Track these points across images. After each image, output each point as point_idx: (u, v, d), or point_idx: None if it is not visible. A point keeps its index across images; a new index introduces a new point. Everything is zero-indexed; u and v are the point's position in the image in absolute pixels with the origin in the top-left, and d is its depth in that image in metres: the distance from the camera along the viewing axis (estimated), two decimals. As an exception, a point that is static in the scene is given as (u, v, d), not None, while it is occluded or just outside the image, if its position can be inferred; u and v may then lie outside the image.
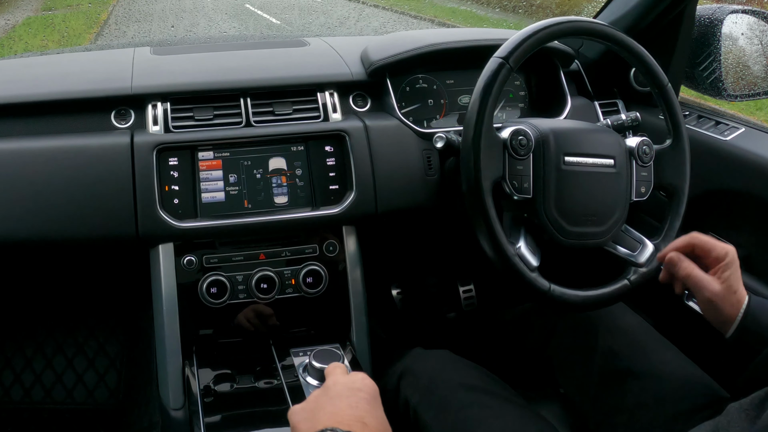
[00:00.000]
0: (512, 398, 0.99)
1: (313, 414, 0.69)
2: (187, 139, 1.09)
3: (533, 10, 8.67)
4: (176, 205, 1.07)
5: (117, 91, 1.14)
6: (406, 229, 1.34)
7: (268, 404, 0.96)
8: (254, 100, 1.16)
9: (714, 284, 0.88)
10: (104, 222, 1.04)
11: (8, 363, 1.61)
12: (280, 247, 1.11)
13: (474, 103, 0.95)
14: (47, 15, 10.56)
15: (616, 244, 1.02)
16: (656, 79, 1.03)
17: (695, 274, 0.89)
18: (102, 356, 1.64)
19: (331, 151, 1.14)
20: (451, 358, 1.07)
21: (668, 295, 1.23)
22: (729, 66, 1.30)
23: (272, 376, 1.01)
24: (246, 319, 1.10)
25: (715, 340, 0.97)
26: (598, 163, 0.99)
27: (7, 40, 8.18)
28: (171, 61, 1.29)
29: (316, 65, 1.28)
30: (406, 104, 1.26)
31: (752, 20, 1.32)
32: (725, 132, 1.22)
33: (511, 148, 0.96)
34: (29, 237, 1.04)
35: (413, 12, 10.70)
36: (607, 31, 1.01)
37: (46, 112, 1.13)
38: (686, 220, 1.04)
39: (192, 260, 1.07)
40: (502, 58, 0.95)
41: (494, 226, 0.93)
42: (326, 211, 1.11)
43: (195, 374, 1.03)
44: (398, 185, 1.14)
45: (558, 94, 1.30)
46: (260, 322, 1.11)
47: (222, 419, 0.93)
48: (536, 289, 0.95)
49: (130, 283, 1.39)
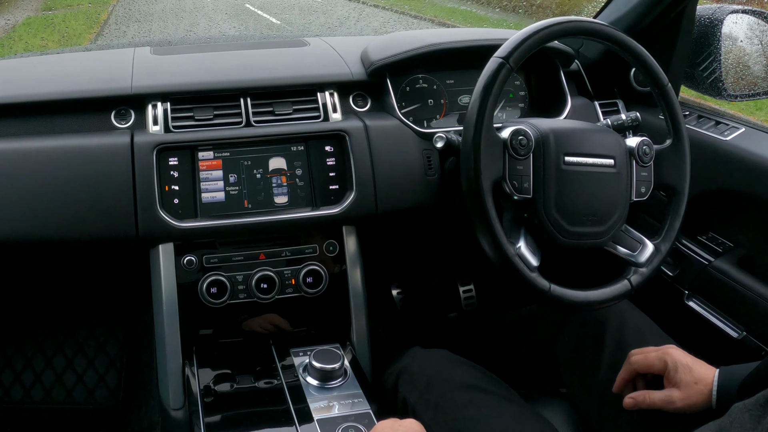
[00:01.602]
0: (512, 398, 0.99)
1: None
2: (187, 139, 1.09)
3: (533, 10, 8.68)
4: (176, 205, 1.07)
5: (117, 91, 1.14)
6: (406, 229, 1.34)
7: (268, 404, 0.96)
8: (254, 100, 1.16)
9: (673, 393, 0.90)
10: (104, 222, 1.04)
11: (8, 363, 1.62)
12: (280, 247, 1.11)
13: (474, 103, 0.95)
14: (47, 15, 10.58)
15: (616, 244, 1.02)
16: (656, 79, 1.03)
17: (653, 398, 0.92)
18: (102, 356, 1.64)
19: (331, 151, 1.14)
20: (450, 358, 1.06)
21: (668, 295, 1.23)
22: (729, 66, 1.30)
23: (272, 376, 1.01)
24: (259, 326, 1.11)
25: (716, 341, 0.97)
26: (598, 163, 0.99)
27: (7, 40, 8.19)
28: (171, 61, 1.29)
29: (316, 65, 1.28)
30: (406, 104, 1.26)
31: (752, 20, 1.32)
32: (725, 132, 1.22)
33: (511, 148, 0.96)
34: (29, 237, 1.04)
35: (413, 12, 10.71)
36: (607, 31, 1.01)
37: (46, 112, 1.13)
38: (686, 220, 1.04)
39: (192, 260, 1.07)
40: (502, 58, 0.95)
41: (494, 226, 0.93)
42: (326, 211, 1.11)
43: (195, 374, 1.03)
44: (398, 185, 1.14)
45: (558, 94, 1.30)
46: (273, 327, 1.12)
47: (222, 419, 0.93)
48: (536, 289, 0.95)
49: (130, 283, 1.39)
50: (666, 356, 0.92)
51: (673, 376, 0.90)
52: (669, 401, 0.90)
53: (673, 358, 0.91)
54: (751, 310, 1.12)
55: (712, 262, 1.20)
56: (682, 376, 0.90)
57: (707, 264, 1.21)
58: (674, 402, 0.89)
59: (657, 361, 0.93)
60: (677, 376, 0.90)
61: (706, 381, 0.89)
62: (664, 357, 0.92)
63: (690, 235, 1.27)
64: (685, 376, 0.90)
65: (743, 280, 1.14)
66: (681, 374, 0.90)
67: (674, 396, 0.90)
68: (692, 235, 1.27)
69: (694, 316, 1.21)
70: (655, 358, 0.93)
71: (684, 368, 0.90)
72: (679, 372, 0.90)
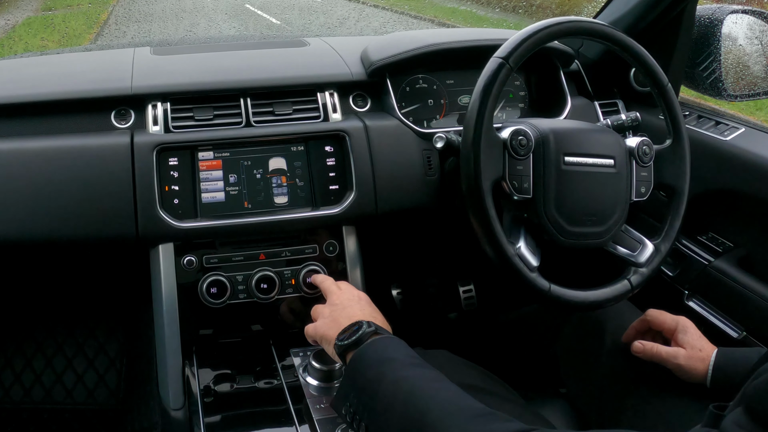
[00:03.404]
0: (511, 398, 0.99)
1: (333, 321, 0.87)
2: (187, 139, 1.09)
3: (533, 10, 8.69)
4: (176, 205, 1.07)
5: (117, 91, 1.14)
6: (406, 229, 1.34)
7: (268, 404, 0.96)
8: (254, 100, 1.16)
9: (678, 351, 0.96)
10: (104, 222, 1.04)
11: (8, 363, 1.62)
12: (280, 247, 1.11)
13: (474, 103, 0.95)
14: (47, 15, 10.58)
15: (616, 244, 1.02)
16: (656, 79, 1.03)
17: (660, 350, 0.97)
18: (102, 356, 1.64)
19: (331, 151, 1.14)
20: (450, 358, 1.06)
21: (668, 295, 1.23)
22: (729, 66, 1.30)
23: (272, 376, 1.01)
24: (259, 326, 1.12)
25: (716, 341, 0.97)
26: (598, 163, 0.99)
27: (7, 40, 8.19)
28: (171, 61, 1.29)
29: (316, 65, 1.28)
30: (406, 104, 1.26)
31: (752, 20, 1.32)
32: (725, 132, 1.22)
33: (511, 148, 0.96)
34: (29, 237, 1.04)
35: (413, 12, 10.71)
36: (607, 31, 1.01)
37: (46, 112, 1.13)
38: (686, 220, 1.04)
39: (192, 260, 1.07)
40: (502, 58, 0.95)
41: (494, 226, 0.93)
42: (326, 211, 1.11)
43: (195, 374, 1.03)
44: (398, 185, 1.14)
45: (558, 94, 1.30)
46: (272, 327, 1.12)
47: (222, 419, 0.93)
48: (536, 289, 0.95)
49: (130, 283, 1.39)
50: (680, 320, 0.99)
51: (682, 337, 0.97)
52: (674, 356, 0.95)
53: (685, 323, 0.99)
54: (751, 310, 1.12)
55: (712, 262, 1.20)
56: (690, 339, 0.96)
57: (707, 264, 1.21)
58: (678, 358, 0.95)
59: (671, 321, 0.99)
60: (685, 338, 0.96)
61: (708, 353, 0.94)
62: (678, 319, 0.99)
63: (690, 235, 1.27)
64: (692, 340, 0.96)
65: (743, 280, 1.14)
66: (689, 337, 0.96)
67: (680, 353, 0.95)
68: (692, 235, 1.27)
69: (694, 316, 1.21)
70: (669, 318, 1.00)
71: (693, 333, 0.97)
72: (688, 335, 0.96)
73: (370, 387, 0.74)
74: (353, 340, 0.81)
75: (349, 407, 0.76)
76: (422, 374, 0.75)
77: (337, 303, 0.92)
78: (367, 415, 0.73)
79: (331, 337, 0.85)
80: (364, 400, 0.74)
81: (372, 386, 0.74)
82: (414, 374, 0.74)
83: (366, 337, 0.81)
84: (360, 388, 0.76)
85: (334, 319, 0.88)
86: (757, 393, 0.48)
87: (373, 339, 0.81)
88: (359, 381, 0.76)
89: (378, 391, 0.73)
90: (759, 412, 0.47)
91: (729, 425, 0.49)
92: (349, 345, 0.81)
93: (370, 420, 0.73)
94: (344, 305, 0.90)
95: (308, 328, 0.92)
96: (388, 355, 0.78)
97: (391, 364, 0.76)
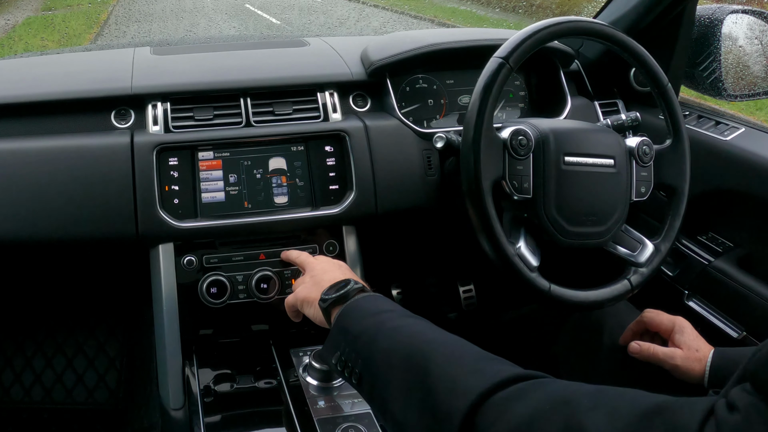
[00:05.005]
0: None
1: (315, 284, 0.86)
2: (187, 139, 1.09)
3: (533, 10, 8.68)
4: (176, 205, 1.07)
5: (117, 91, 1.14)
6: (406, 229, 1.34)
7: (268, 404, 0.96)
8: (254, 100, 1.16)
9: (675, 352, 0.96)
10: (104, 222, 1.04)
11: (8, 363, 1.62)
12: (280, 247, 1.11)
13: (474, 103, 0.95)
14: (47, 15, 10.58)
15: (616, 244, 1.02)
16: (656, 79, 1.03)
17: (656, 351, 0.98)
18: (102, 356, 1.64)
19: (331, 151, 1.14)
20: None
21: (668, 295, 1.23)
22: (729, 66, 1.30)
23: (272, 376, 1.01)
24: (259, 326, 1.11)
25: (716, 341, 0.97)
26: (598, 163, 0.99)
27: (7, 40, 8.19)
28: (171, 61, 1.29)
29: (316, 65, 1.28)
30: (406, 104, 1.26)
31: (752, 20, 1.32)
32: (725, 132, 1.22)
33: (511, 148, 0.96)
34: (29, 237, 1.04)
35: (413, 12, 10.71)
36: (607, 31, 1.01)
37: (46, 112, 1.13)
38: (686, 220, 1.04)
39: (192, 260, 1.07)
40: (502, 58, 0.95)
41: (494, 226, 0.93)
42: (326, 211, 1.11)
43: (195, 374, 1.03)
44: (398, 185, 1.14)
45: (558, 94, 1.30)
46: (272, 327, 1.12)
47: (222, 419, 0.93)
48: (536, 289, 0.95)
49: (130, 283, 1.39)
50: (676, 320, 1.00)
51: (679, 338, 0.97)
52: (671, 356, 0.96)
53: (682, 323, 0.99)
54: (751, 310, 1.12)
55: (712, 262, 1.20)
56: (687, 339, 0.96)
57: (707, 264, 1.21)
58: (675, 359, 0.95)
59: (667, 322, 1.00)
60: (682, 338, 0.97)
61: (704, 354, 0.95)
62: (675, 320, 1.00)
63: (690, 235, 1.27)
64: (689, 340, 0.96)
65: (743, 280, 1.14)
66: (686, 337, 0.96)
67: (677, 354, 0.95)
68: (692, 235, 1.27)
69: (694, 316, 1.21)
70: (666, 319, 1.00)
71: (690, 333, 0.97)
72: (684, 335, 0.97)
73: (367, 334, 0.72)
74: (341, 293, 0.80)
75: (340, 356, 0.74)
76: (422, 322, 0.74)
77: (317, 269, 0.91)
78: (362, 363, 0.71)
79: (314, 297, 0.84)
80: (358, 347, 0.72)
81: (369, 333, 0.72)
82: (414, 322, 0.73)
83: (353, 293, 0.80)
84: (354, 335, 0.73)
85: (315, 282, 0.87)
86: (762, 363, 0.47)
87: (362, 294, 0.80)
88: (354, 329, 0.74)
89: (377, 339, 0.71)
90: (765, 381, 0.46)
91: (735, 393, 0.48)
92: (337, 299, 0.79)
93: (365, 367, 0.70)
94: (325, 270, 0.90)
95: (288, 297, 0.91)
96: (383, 307, 0.77)
97: (389, 314, 0.75)
